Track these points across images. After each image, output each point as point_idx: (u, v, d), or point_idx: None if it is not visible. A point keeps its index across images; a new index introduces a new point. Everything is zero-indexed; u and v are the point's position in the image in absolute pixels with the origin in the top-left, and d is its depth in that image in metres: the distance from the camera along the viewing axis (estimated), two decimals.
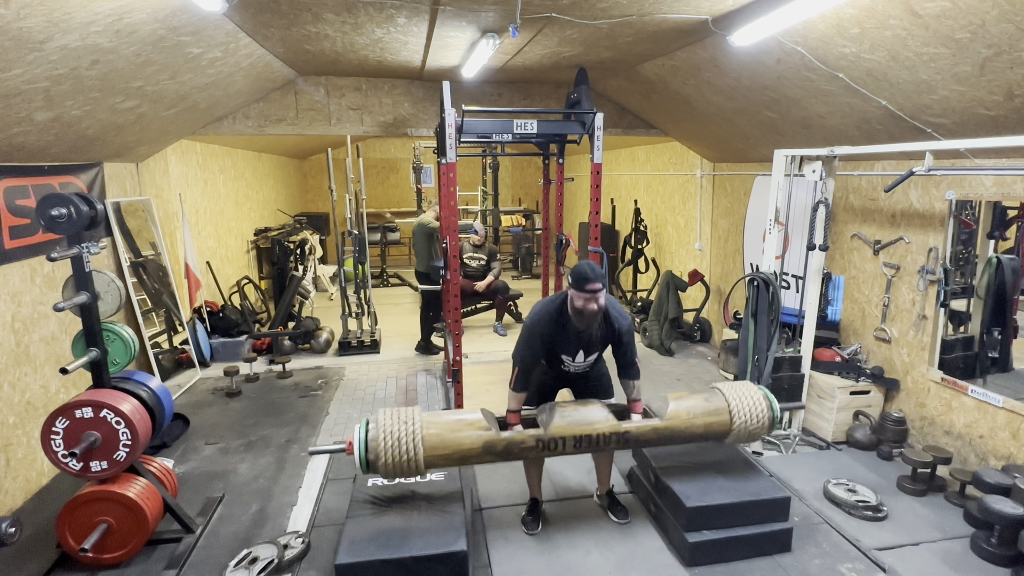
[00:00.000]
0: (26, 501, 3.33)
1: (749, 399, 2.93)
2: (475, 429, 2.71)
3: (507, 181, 12.25)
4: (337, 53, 4.36)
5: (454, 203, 3.87)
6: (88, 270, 2.72)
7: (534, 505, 3.17)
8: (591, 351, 2.88)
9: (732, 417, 2.89)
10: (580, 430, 2.75)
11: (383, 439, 2.58)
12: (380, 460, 2.57)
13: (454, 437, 2.68)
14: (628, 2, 3.09)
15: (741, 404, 2.91)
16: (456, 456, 2.69)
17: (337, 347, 6.07)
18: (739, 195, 5.68)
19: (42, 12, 2.27)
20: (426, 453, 2.61)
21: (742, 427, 2.89)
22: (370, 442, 2.60)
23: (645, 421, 2.87)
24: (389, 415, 2.67)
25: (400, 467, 2.60)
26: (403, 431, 2.59)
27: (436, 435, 2.65)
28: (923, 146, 3.14)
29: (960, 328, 3.74)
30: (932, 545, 2.94)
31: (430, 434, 2.64)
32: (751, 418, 2.89)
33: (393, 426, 2.61)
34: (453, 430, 2.69)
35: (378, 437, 2.59)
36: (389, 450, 2.57)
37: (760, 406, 2.91)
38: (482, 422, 2.73)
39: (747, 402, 2.92)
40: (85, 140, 3.72)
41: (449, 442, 2.66)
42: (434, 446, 2.63)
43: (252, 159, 7.99)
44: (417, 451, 2.58)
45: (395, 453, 2.57)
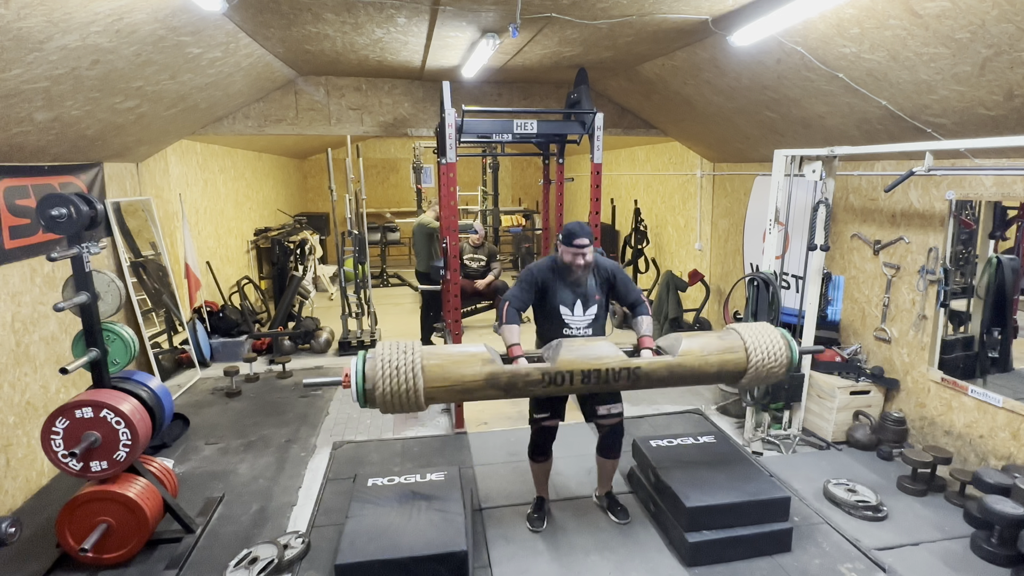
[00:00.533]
0: (26, 501, 3.33)
1: (766, 337, 2.76)
2: (478, 361, 2.53)
3: (507, 181, 12.25)
4: (337, 53, 4.36)
5: (454, 203, 3.87)
6: (88, 270, 2.72)
7: (540, 503, 3.17)
8: (588, 303, 2.85)
9: (748, 355, 2.72)
10: (588, 364, 2.57)
11: (382, 368, 2.41)
12: (378, 391, 2.41)
13: (456, 368, 2.51)
14: (628, 2, 3.09)
15: (757, 342, 2.73)
16: (458, 388, 2.53)
17: (337, 347, 6.07)
18: (739, 195, 5.68)
19: (42, 12, 2.27)
20: (427, 384, 2.45)
21: (759, 365, 2.71)
22: (368, 372, 2.44)
23: (657, 358, 2.70)
24: (388, 346, 2.50)
25: (399, 399, 2.43)
26: (402, 361, 2.41)
27: (437, 366, 2.49)
28: (923, 146, 3.14)
29: (960, 328, 3.74)
30: (932, 545, 2.94)
31: (431, 364, 2.48)
32: (768, 356, 2.71)
33: (392, 356, 2.44)
34: (455, 361, 2.53)
35: (376, 367, 2.42)
36: (388, 379, 2.39)
37: (778, 345, 2.74)
38: (486, 354, 2.55)
39: (764, 340, 2.74)
40: (85, 140, 3.72)
41: (451, 374, 2.50)
42: (435, 377, 2.47)
43: (252, 159, 7.99)
44: (417, 381, 2.41)
45: (394, 383, 2.39)
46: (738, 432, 4.15)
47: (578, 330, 2.85)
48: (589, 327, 2.87)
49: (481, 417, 4.41)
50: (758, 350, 2.72)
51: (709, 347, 2.73)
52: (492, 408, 4.57)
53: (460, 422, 4.23)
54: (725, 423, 4.32)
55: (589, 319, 2.87)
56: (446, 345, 2.69)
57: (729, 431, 4.17)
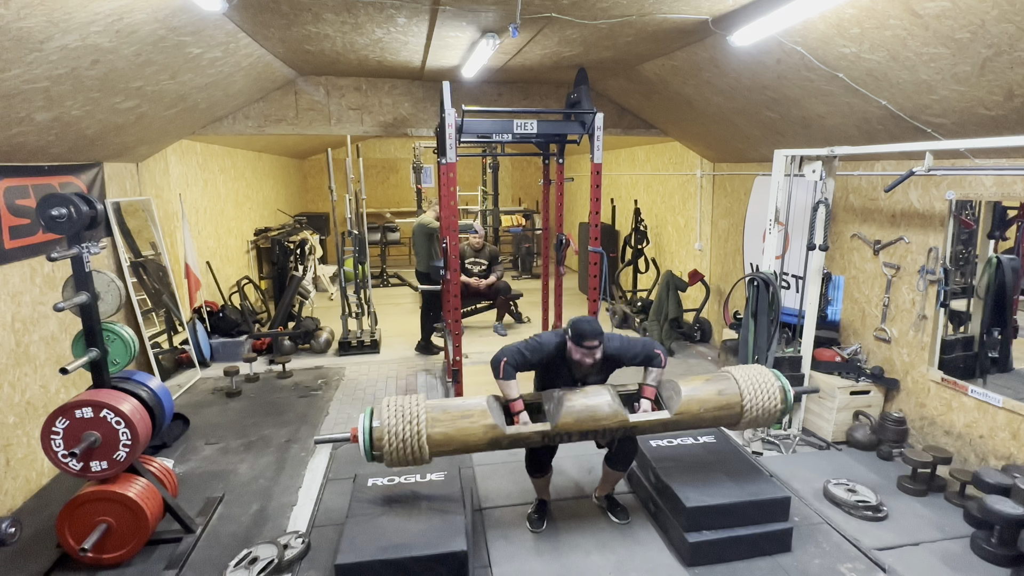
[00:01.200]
0: (26, 501, 3.33)
1: (763, 392, 2.84)
2: (481, 428, 2.68)
3: (507, 181, 12.25)
4: (337, 53, 4.36)
5: (454, 203, 3.87)
6: (88, 270, 2.72)
7: (540, 504, 3.17)
8: (588, 385, 2.88)
9: (743, 411, 2.83)
10: (587, 425, 2.70)
11: (388, 436, 2.59)
12: (384, 452, 2.61)
13: (460, 434, 2.67)
14: (628, 2, 3.09)
15: (755, 398, 2.83)
16: (461, 449, 2.71)
17: (337, 347, 6.07)
18: (739, 195, 5.68)
19: (42, 12, 2.27)
20: (431, 449, 2.64)
21: (751, 420, 2.85)
22: (375, 440, 2.62)
23: (654, 415, 2.79)
24: (392, 410, 2.66)
25: (405, 460, 2.64)
26: (408, 431, 2.60)
27: (441, 433, 2.65)
28: (923, 146, 3.14)
29: (960, 328, 3.74)
30: (932, 545, 2.94)
31: (435, 432, 2.64)
32: (763, 412, 2.84)
33: (397, 424, 2.61)
34: (459, 428, 2.67)
35: (383, 435, 2.60)
36: (394, 445, 2.59)
37: (774, 399, 2.84)
38: (489, 419, 2.68)
39: (760, 394, 2.83)
40: (85, 140, 3.72)
41: (454, 438, 2.66)
42: (439, 443, 2.64)
43: (252, 159, 7.99)
44: (423, 449, 2.61)
45: (400, 449, 2.60)
46: (738, 432, 4.14)
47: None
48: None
49: None
50: (753, 408, 2.84)
51: (708, 404, 2.85)
52: None
53: None
54: None
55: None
56: (448, 401, 2.82)
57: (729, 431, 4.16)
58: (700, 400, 2.84)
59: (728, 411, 2.85)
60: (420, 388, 5.08)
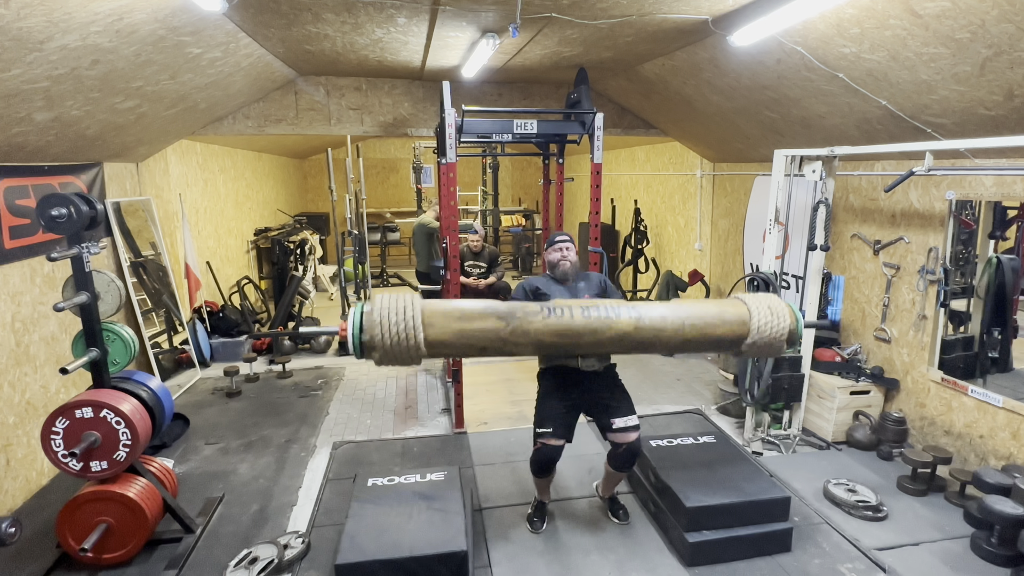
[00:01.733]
0: (26, 501, 3.33)
1: (771, 310, 2.51)
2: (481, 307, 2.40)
3: (507, 181, 12.25)
4: (337, 53, 4.36)
5: (454, 203, 3.87)
6: (88, 270, 2.72)
7: (540, 504, 3.17)
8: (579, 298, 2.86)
9: (750, 328, 2.51)
10: (588, 302, 2.47)
11: (381, 322, 2.27)
12: (376, 347, 2.28)
13: (462, 320, 2.36)
14: (628, 2, 3.09)
15: (761, 315, 2.49)
16: (461, 341, 2.36)
17: (337, 347, 6.07)
18: (739, 195, 5.68)
19: (42, 12, 2.27)
20: (428, 339, 2.29)
21: (757, 338, 2.50)
22: (366, 328, 2.28)
23: (659, 313, 2.52)
24: (386, 300, 2.32)
25: (399, 351, 2.29)
26: (403, 317, 2.27)
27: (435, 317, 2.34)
28: (923, 146, 3.14)
29: (960, 328, 3.74)
30: (932, 545, 2.94)
31: (430, 316, 2.33)
32: (770, 331, 2.50)
33: (391, 313, 2.28)
34: (458, 306, 2.42)
35: (375, 325, 2.27)
36: (387, 328, 2.25)
37: (782, 318, 2.50)
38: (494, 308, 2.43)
39: (768, 313, 2.51)
40: (85, 140, 3.72)
41: (451, 318, 2.35)
42: (436, 335, 2.31)
43: (252, 159, 7.99)
44: (418, 338, 2.27)
45: (394, 337, 2.26)
46: (738, 432, 4.15)
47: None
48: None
49: (481, 417, 4.42)
50: (761, 317, 2.49)
51: (713, 314, 2.52)
52: (492, 408, 4.58)
53: (460, 422, 4.23)
54: (725, 423, 4.32)
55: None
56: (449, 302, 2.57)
57: (729, 431, 4.17)
58: (705, 308, 2.56)
59: (735, 326, 2.51)
60: (420, 388, 5.08)
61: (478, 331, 2.39)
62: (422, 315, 2.33)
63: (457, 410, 4.25)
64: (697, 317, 2.58)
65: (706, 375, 5.31)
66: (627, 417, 2.84)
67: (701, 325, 2.57)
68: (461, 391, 4.22)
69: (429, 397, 4.88)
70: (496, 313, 2.39)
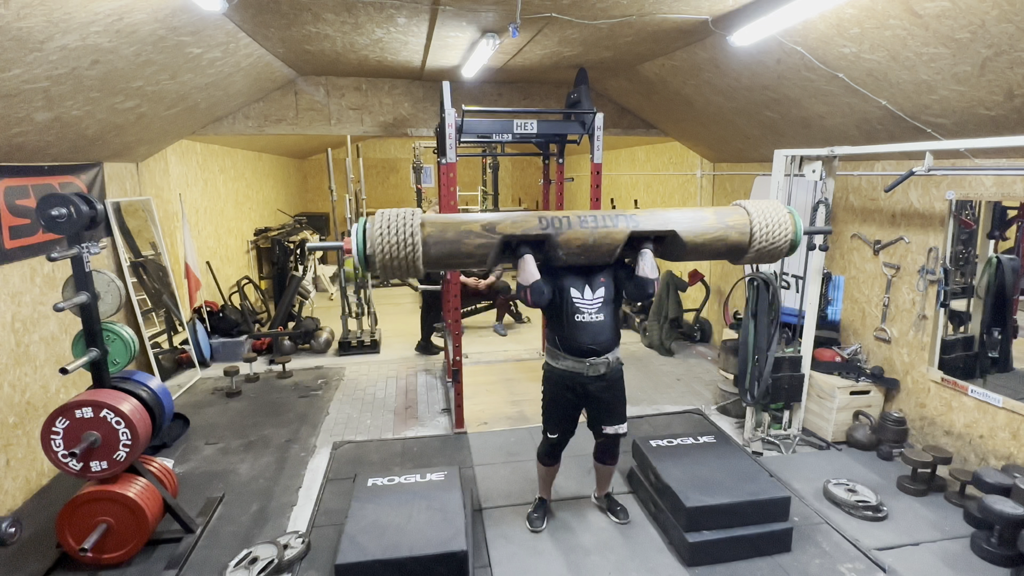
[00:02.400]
0: (26, 501, 3.33)
1: (773, 216, 2.60)
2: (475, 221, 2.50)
3: (507, 181, 12.24)
4: (337, 53, 4.36)
5: (454, 203, 3.87)
6: (88, 270, 2.72)
7: (541, 503, 3.18)
8: (595, 285, 2.78)
9: (752, 234, 2.60)
10: (590, 236, 2.55)
11: (381, 239, 2.36)
12: (377, 259, 2.38)
13: (454, 227, 2.48)
14: (628, 2, 3.09)
15: (764, 220, 2.59)
16: (455, 247, 2.48)
17: (337, 347, 6.06)
18: (739, 195, 5.67)
19: (42, 12, 2.27)
20: (424, 247, 2.41)
21: (760, 245, 2.61)
22: (368, 238, 2.39)
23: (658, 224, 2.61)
24: (387, 216, 2.41)
25: (398, 262, 2.40)
26: (402, 229, 2.35)
27: (434, 226, 2.45)
28: (923, 146, 3.14)
29: (960, 328, 3.74)
30: (932, 545, 2.94)
31: (429, 225, 2.44)
32: (772, 234, 2.60)
33: (391, 225, 2.37)
34: (453, 222, 2.50)
35: (375, 236, 2.37)
36: (387, 249, 2.35)
37: (784, 224, 2.60)
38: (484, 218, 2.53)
39: (769, 219, 2.59)
40: (85, 140, 3.72)
41: (448, 228, 2.47)
42: (434, 238, 2.43)
43: (252, 159, 7.99)
44: (416, 248, 2.37)
45: (393, 246, 2.35)
46: (738, 432, 4.15)
47: (590, 315, 2.75)
48: (600, 312, 2.77)
49: (481, 417, 4.42)
50: (763, 222, 2.59)
51: (715, 223, 2.61)
52: (492, 408, 4.58)
53: (460, 422, 4.23)
54: (725, 423, 4.32)
55: (599, 302, 2.77)
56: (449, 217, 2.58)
57: (729, 431, 4.17)
58: (706, 219, 2.63)
59: (737, 231, 2.61)
60: (420, 388, 5.08)
61: (474, 244, 2.44)
62: (421, 224, 2.38)
63: (457, 410, 4.24)
64: (696, 223, 2.59)
65: (706, 375, 5.31)
66: (616, 426, 2.95)
67: (700, 231, 2.59)
68: (461, 391, 4.22)
69: (429, 397, 4.88)
70: (491, 228, 2.46)
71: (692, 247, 2.62)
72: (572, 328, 2.76)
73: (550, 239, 2.54)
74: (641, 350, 6.07)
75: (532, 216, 2.57)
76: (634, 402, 4.57)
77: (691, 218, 2.63)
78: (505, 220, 2.52)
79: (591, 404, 2.90)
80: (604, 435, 2.98)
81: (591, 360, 2.77)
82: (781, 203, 2.72)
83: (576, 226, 2.55)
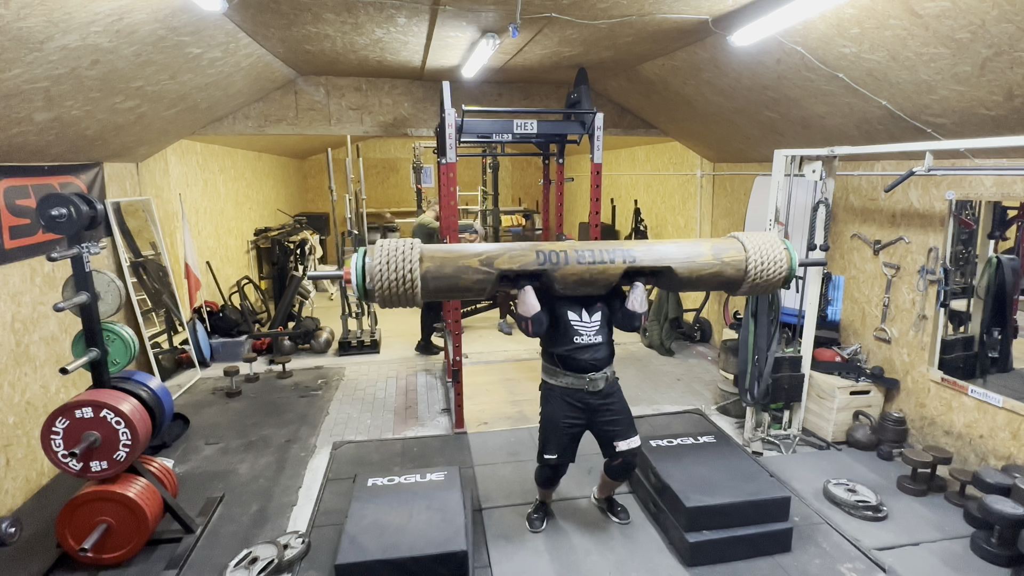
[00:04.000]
0: (26, 501, 3.33)
1: (768, 251, 2.60)
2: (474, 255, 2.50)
3: (507, 181, 12.24)
4: (337, 53, 4.36)
5: (454, 203, 3.87)
6: (88, 270, 2.72)
7: (541, 504, 3.17)
8: (592, 309, 2.79)
9: (747, 268, 2.60)
10: (587, 272, 2.56)
11: (380, 274, 2.37)
12: (376, 290, 2.39)
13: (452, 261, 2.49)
14: (628, 2, 3.09)
15: (759, 254, 2.58)
16: (455, 281, 2.48)
17: (337, 347, 6.06)
18: (739, 195, 5.68)
19: (42, 12, 2.27)
20: (424, 283, 2.43)
21: (755, 279, 2.61)
22: (367, 271, 2.39)
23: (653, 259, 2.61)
24: (385, 248, 2.42)
25: (397, 295, 2.41)
26: (401, 262, 2.37)
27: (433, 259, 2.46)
28: (923, 146, 3.14)
29: (960, 328, 3.74)
30: (932, 545, 2.94)
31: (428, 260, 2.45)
32: (767, 269, 2.60)
33: (390, 259, 2.38)
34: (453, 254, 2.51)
35: (375, 270, 2.38)
36: (386, 282, 2.37)
37: (779, 259, 2.59)
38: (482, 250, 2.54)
39: (765, 254, 2.58)
40: (85, 140, 3.72)
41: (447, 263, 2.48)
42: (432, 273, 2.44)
43: (252, 159, 7.99)
44: (415, 283, 2.39)
45: (392, 281, 2.37)
46: (738, 432, 4.15)
47: (589, 336, 2.77)
48: (598, 334, 2.80)
49: (481, 417, 4.42)
50: (758, 257, 2.59)
51: (710, 257, 2.61)
52: (492, 408, 4.58)
53: (460, 422, 4.23)
54: (725, 423, 4.32)
55: (596, 325, 2.80)
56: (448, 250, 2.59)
57: (729, 431, 4.17)
58: (701, 254, 2.63)
59: (733, 267, 2.61)
60: (420, 388, 5.08)
61: (472, 279, 2.46)
62: (420, 258, 2.40)
63: (457, 410, 4.24)
64: (691, 260, 2.59)
65: (706, 375, 5.31)
66: (629, 440, 2.86)
67: (695, 267, 2.60)
68: (461, 391, 4.22)
69: (429, 397, 4.88)
70: (490, 263, 2.47)
71: (687, 282, 2.65)
72: (571, 349, 2.78)
73: (547, 274, 2.56)
74: (641, 350, 6.07)
75: (530, 250, 2.58)
76: (634, 402, 4.56)
77: (687, 254, 2.64)
78: (503, 255, 2.54)
79: (597, 420, 2.84)
80: (619, 453, 2.86)
81: (591, 375, 2.78)
82: (778, 237, 2.71)
83: (573, 261, 2.57)
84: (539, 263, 2.54)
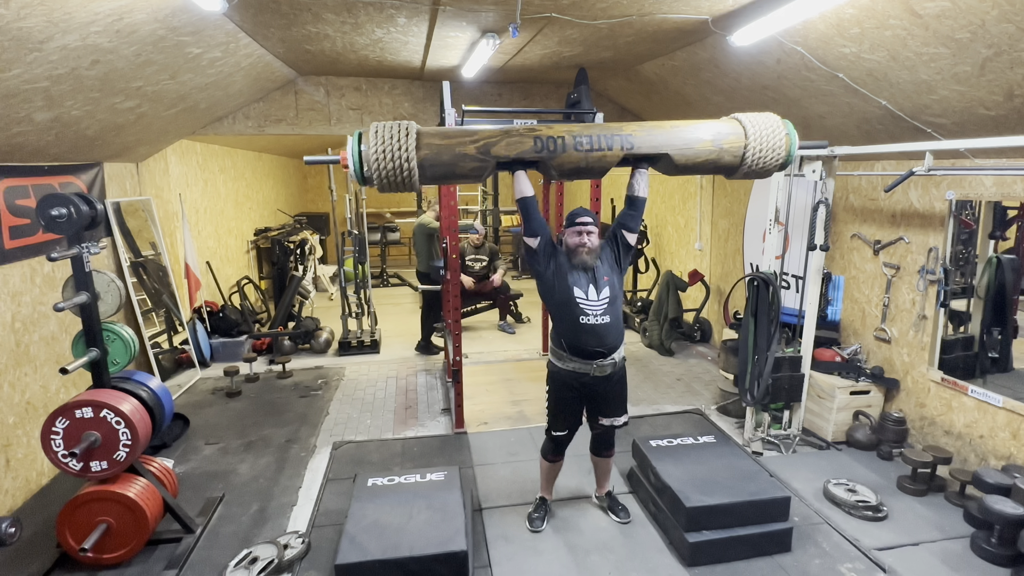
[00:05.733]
0: (26, 501, 3.33)
1: (768, 130, 2.59)
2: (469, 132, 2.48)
3: (507, 181, 12.22)
4: (337, 53, 4.36)
5: (454, 203, 3.87)
6: (88, 270, 2.72)
7: (541, 503, 3.17)
8: (600, 286, 2.74)
9: (747, 146, 2.58)
10: (583, 159, 2.51)
11: (376, 156, 2.35)
12: (374, 175, 2.37)
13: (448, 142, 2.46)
14: (628, 2, 3.09)
15: (759, 133, 2.58)
16: (448, 160, 2.45)
17: (337, 347, 6.06)
18: (739, 195, 5.68)
19: (42, 12, 2.27)
20: (420, 162, 2.39)
21: (754, 157, 2.60)
22: (363, 155, 2.37)
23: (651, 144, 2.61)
24: (382, 128, 2.39)
25: (394, 177, 2.38)
26: (398, 143, 2.35)
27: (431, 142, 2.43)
28: (923, 146, 3.14)
29: (960, 328, 3.74)
30: (932, 545, 2.94)
31: (425, 139, 2.42)
32: (766, 149, 2.60)
33: (386, 137, 2.36)
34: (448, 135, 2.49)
35: (370, 153, 2.36)
36: (383, 165, 2.35)
37: (778, 136, 2.59)
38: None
39: (764, 133, 2.59)
40: (85, 140, 3.72)
41: (444, 154, 2.44)
42: (429, 154, 2.41)
43: (252, 159, 7.99)
44: (411, 163, 2.36)
45: (388, 169, 2.36)
46: (738, 432, 4.15)
47: (595, 316, 2.70)
48: (606, 313, 2.72)
49: (481, 417, 4.42)
50: (758, 136, 2.59)
51: (710, 137, 2.61)
52: (492, 408, 4.58)
53: (460, 422, 4.23)
54: (725, 423, 4.32)
55: (604, 303, 2.72)
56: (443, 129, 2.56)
57: (729, 431, 4.17)
58: (701, 140, 2.62)
59: (730, 153, 2.60)
60: (420, 388, 5.08)
61: (469, 167, 2.44)
62: (416, 146, 2.37)
63: (457, 410, 4.25)
64: (689, 147, 2.58)
65: (706, 375, 5.31)
66: (615, 418, 2.96)
67: (693, 154, 2.59)
68: (461, 391, 4.22)
69: (429, 397, 4.88)
70: (489, 143, 2.44)
71: (684, 167, 2.63)
72: (578, 331, 2.73)
73: (543, 162, 2.50)
74: (641, 350, 6.07)
75: (528, 137, 2.51)
76: (634, 402, 4.58)
77: (686, 140, 2.61)
78: (500, 142, 2.47)
79: (593, 400, 2.91)
80: (601, 426, 2.98)
81: (598, 362, 2.76)
82: (780, 121, 2.66)
83: (571, 148, 2.50)
84: (536, 150, 2.47)
